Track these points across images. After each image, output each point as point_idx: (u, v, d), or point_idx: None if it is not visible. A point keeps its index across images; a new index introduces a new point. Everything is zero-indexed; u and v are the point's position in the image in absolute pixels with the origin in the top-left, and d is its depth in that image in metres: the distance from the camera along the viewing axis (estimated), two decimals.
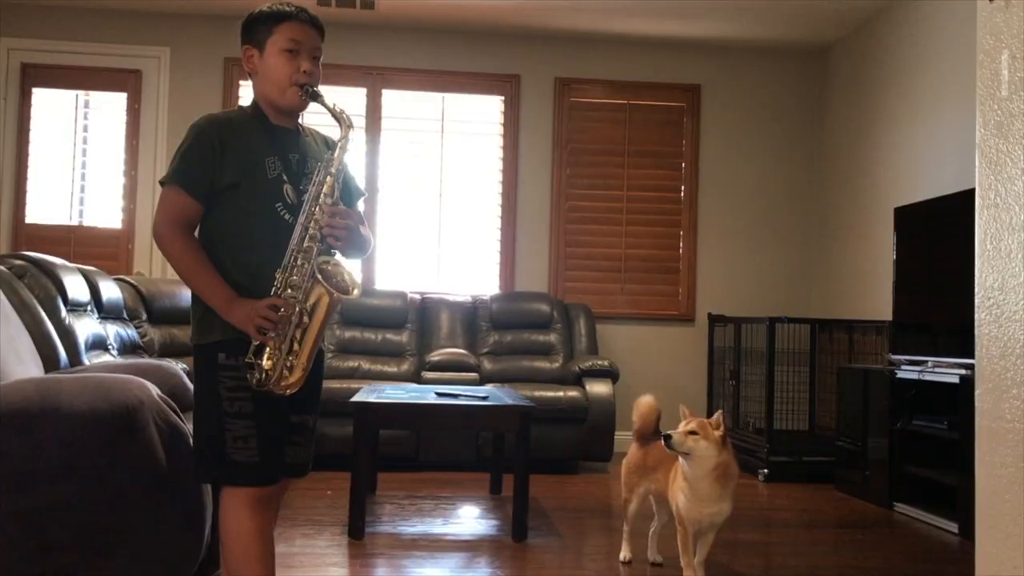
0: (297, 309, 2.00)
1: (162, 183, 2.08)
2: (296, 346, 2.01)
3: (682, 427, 2.88)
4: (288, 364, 2.00)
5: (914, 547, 3.79)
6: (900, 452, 4.46)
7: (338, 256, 2.14)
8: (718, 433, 2.85)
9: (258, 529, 2.07)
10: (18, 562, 2.39)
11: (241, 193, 2.05)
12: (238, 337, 2.01)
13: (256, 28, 2.13)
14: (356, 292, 2.08)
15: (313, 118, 2.30)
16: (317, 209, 2.04)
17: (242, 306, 2.00)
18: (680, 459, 2.89)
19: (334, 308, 2.06)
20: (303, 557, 3.25)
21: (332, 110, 2.09)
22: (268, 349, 1.99)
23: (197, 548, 2.54)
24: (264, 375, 1.99)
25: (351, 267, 2.14)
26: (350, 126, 2.10)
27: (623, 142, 6.39)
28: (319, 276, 2.01)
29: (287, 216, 2.07)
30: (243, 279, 2.05)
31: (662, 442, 2.87)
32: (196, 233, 2.10)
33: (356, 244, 2.13)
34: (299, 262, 2.02)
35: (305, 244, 2.02)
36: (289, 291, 2.00)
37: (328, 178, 2.06)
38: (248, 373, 2.00)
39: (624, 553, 3.32)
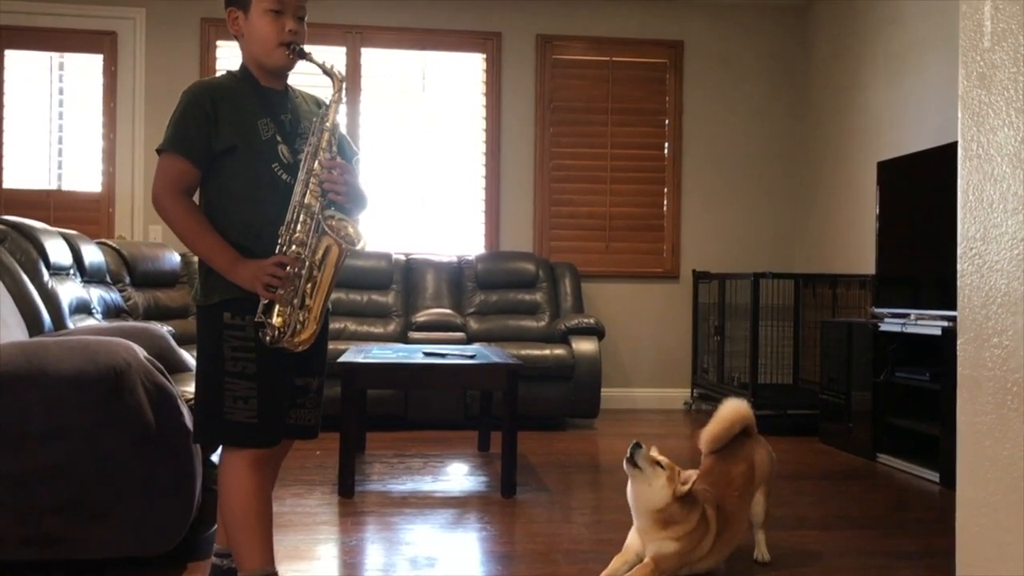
0: (306, 264, 2.02)
1: (159, 151, 2.08)
2: (308, 301, 2.04)
3: (655, 452, 2.62)
4: (301, 320, 2.03)
5: (897, 496, 3.86)
6: (883, 404, 4.52)
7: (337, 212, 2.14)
8: (682, 487, 2.55)
9: (257, 488, 2.09)
10: (9, 525, 2.40)
11: (238, 156, 2.06)
12: (244, 296, 2.03)
13: None
14: (363, 244, 2.10)
15: (301, 79, 2.28)
16: (316, 164, 2.06)
17: (247, 266, 2.02)
18: (628, 483, 2.62)
19: (343, 261, 2.08)
20: (294, 516, 3.28)
21: (322, 66, 2.11)
22: (278, 307, 2.01)
23: (188, 509, 2.55)
24: (277, 332, 2.01)
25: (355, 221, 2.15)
26: (342, 80, 2.11)
27: (606, 100, 6.36)
28: (327, 229, 2.03)
29: (284, 176, 2.09)
30: (246, 240, 2.06)
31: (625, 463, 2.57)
32: (196, 199, 2.11)
33: (356, 199, 2.14)
34: (302, 218, 2.03)
35: (307, 200, 2.04)
36: (294, 248, 2.02)
37: (324, 133, 2.08)
38: (260, 332, 2.02)
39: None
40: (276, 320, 2.01)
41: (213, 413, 2.06)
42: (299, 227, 2.03)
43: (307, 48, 2.13)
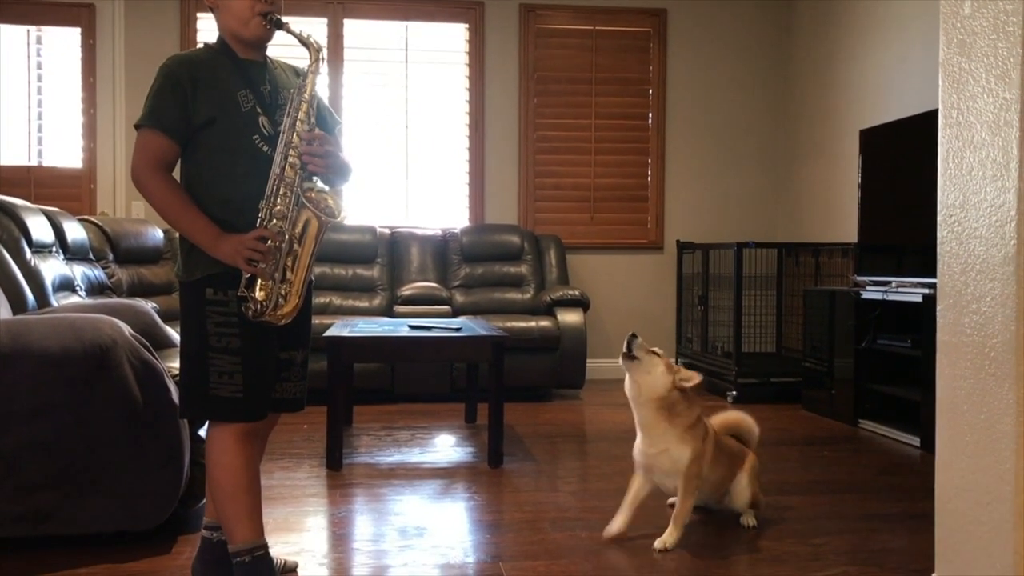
0: (286, 238, 2.02)
1: (137, 127, 2.06)
2: (289, 274, 2.04)
3: (649, 347, 2.71)
4: (283, 293, 2.04)
5: (878, 461, 3.92)
6: (865, 371, 4.57)
7: (319, 183, 2.14)
8: (683, 381, 2.64)
9: (245, 463, 2.10)
10: None
11: (217, 129, 2.04)
12: (226, 271, 2.02)
13: None
14: (343, 216, 2.10)
15: (281, 50, 2.27)
16: (295, 136, 2.04)
17: (228, 241, 2.01)
18: (626, 380, 2.69)
19: (323, 233, 2.08)
20: (282, 489, 3.30)
21: (299, 36, 2.09)
22: (259, 280, 2.02)
23: (176, 483, 2.57)
24: (260, 306, 2.02)
25: (337, 193, 2.15)
26: (319, 50, 2.10)
27: (590, 69, 6.33)
28: (305, 202, 2.03)
29: (265, 148, 2.07)
30: (227, 215, 2.05)
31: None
32: (176, 175, 2.10)
33: (338, 170, 2.13)
34: (282, 191, 2.03)
35: (286, 172, 2.03)
36: (275, 221, 2.02)
37: (303, 104, 2.07)
38: (243, 306, 2.02)
39: None
40: (259, 294, 2.02)
41: (198, 389, 2.06)
42: (279, 200, 2.02)
43: (284, 19, 2.11)
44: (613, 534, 2.73)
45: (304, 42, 2.09)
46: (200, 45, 2.65)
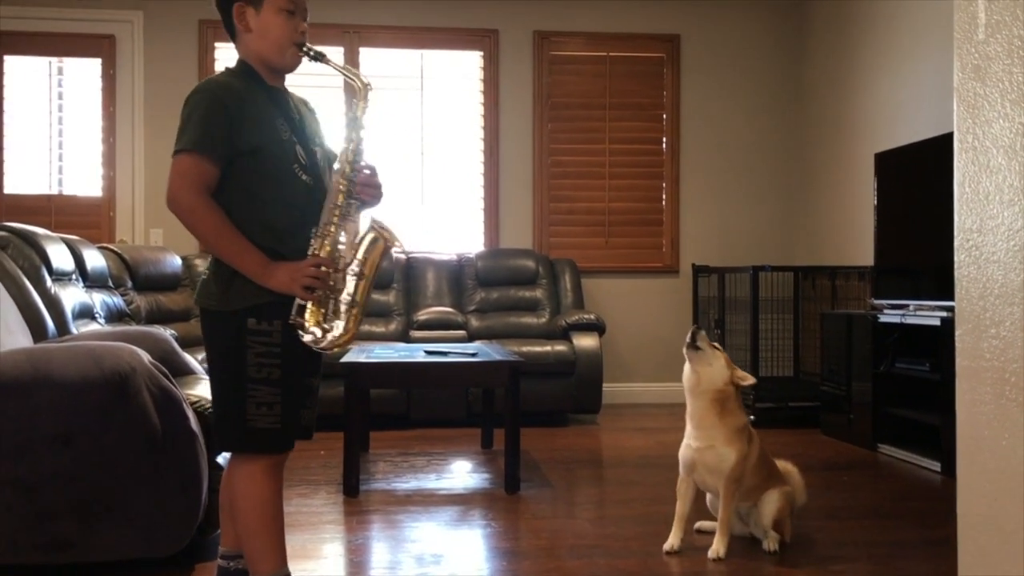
0: (346, 264, 2.04)
1: (178, 151, 1.99)
2: (356, 298, 2.05)
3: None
4: (347, 319, 2.04)
5: (898, 486, 3.88)
6: (883, 395, 4.54)
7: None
8: (739, 379, 2.79)
9: (274, 494, 2.08)
10: (17, 531, 2.42)
11: (261, 157, 2.03)
12: (270, 301, 2.00)
13: None
14: (400, 243, 2.16)
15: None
16: (349, 168, 2.07)
17: (281, 268, 1.99)
18: (685, 370, 2.83)
19: (384, 260, 2.12)
20: (300, 516, 3.30)
21: (344, 71, 2.13)
22: (310, 308, 2.00)
23: (195, 510, 2.57)
24: (321, 334, 2.01)
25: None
26: (367, 85, 2.13)
27: (604, 95, 6.37)
28: (379, 229, 2.07)
29: (304, 177, 2.08)
30: (270, 242, 2.02)
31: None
32: None
33: (380, 199, 2.17)
34: (338, 220, 2.04)
35: (341, 202, 2.05)
36: (328, 248, 2.02)
37: (357, 137, 2.10)
38: (302, 334, 2.00)
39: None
40: (309, 321, 2.00)
41: (236, 420, 2.02)
42: (333, 228, 2.03)
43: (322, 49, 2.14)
44: (676, 549, 2.80)
45: (351, 78, 2.12)
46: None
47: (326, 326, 2.02)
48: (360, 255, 2.06)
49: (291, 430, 2.07)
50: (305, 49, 2.10)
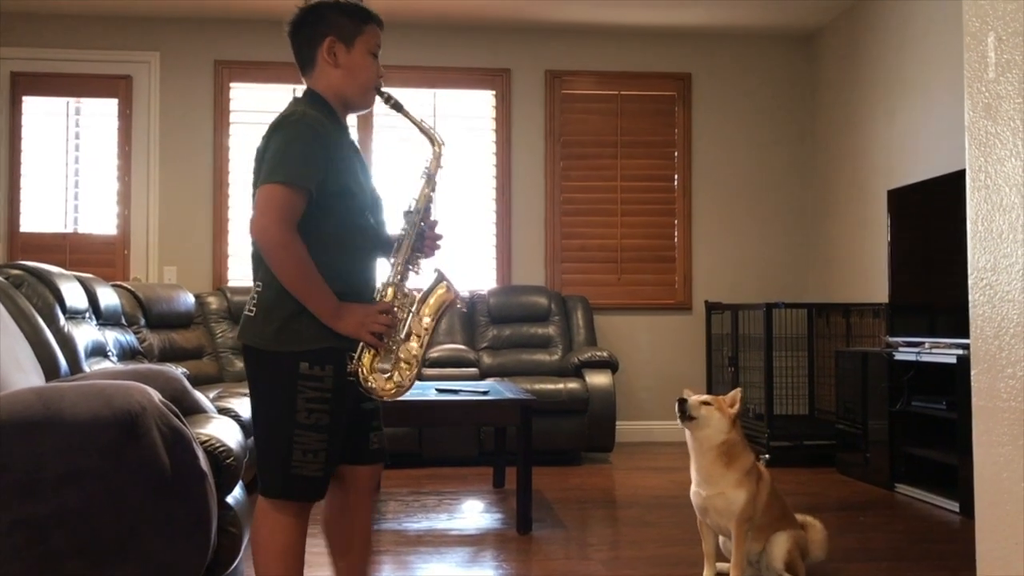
0: (411, 313, 2.05)
1: (270, 180, 1.92)
2: (420, 348, 2.06)
3: (696, 397, 2.85)
4: (411, 367, 2.03)
5: (916, 527, 3.82)
6: (900, 433, 4.48)
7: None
8: (732, 410, 2.81)
9: (298, 543, 2.04)
10: (25, 572, 2.40)
11: (345, 199, 2.00)
12: (325, 347, 1.95)
13: (344, 21, 2.05)
14: (463, 299, 2.21)
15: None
16: (420, 220, 2.11)
17: (352, 312, 1.96)
18: (686, 433, 2.84)
19: (447, 313, 2.15)
20: (309, 556, 3.24)
21: (420, 124, 2.15)
22: (370, 354, 1.99)
23: (204, 552, 2.55)
24: (383, 381, 2.01)
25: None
26: (442, 144, 2.20)
27: (615, 133, 6.39)
28: (448, 283, 2.10)
29: (372, 220, 2.08)
30: (341, 286, 1.98)
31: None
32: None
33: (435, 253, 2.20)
34: (402, 268, 2.06)
35: (408, 253, 2.07)
36: (391, 295, 2.04)
37: (430, 192, 2.15)
38: (361, 380, 1.99)
39: None
40: (364, 365, 1.99)
41: (280, 466, 1.97)
42: (399, 276, 2.05)
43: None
44: None
45: (426, 133, 2.17)
46: (237, 112, 2.63)
47: (386, 374, 2.00)
48: (427, 306, 2.07)
49: (328, 479, 2.03)
50: (385, 95, 2.10)
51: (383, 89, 2.11)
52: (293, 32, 2.08)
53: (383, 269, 2.12)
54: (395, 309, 2.02)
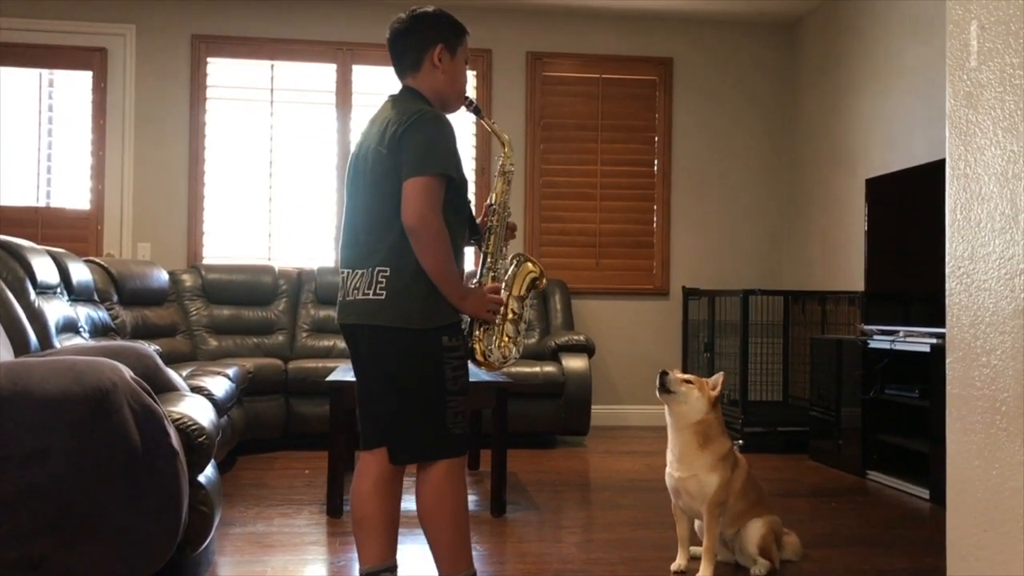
0: (509, 294, 2.31)
1: (425, 172, 2.14)
2: (523, 323, 2.33)
3: (680, 374, 2.88)
4: (517, 340, 2.32)
5: (887, 514, 3.85)
6: (872, 421, 4.52)
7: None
8: (713, 392, 2.81)
9: (466, 492, 2.32)
10: None
11: (462, 189, 2.27)
12: (458, 320, 2.24)
13: (452, 31, 2.33)
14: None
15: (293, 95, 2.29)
16: (504, 212, 2.41)
17: (475, 294, 2.25)
18: (665, 409, 2.84)
19: (535, 291, 2.40)
20: (282, 536, 3.25)
21: (493, 129, 2.42)
22: (481, 329, 2.28)
23: (175, 529, 2.53)
24: (489, 351, 2.29)
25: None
26: (511, 148, 2.43)
27: (596, 117, 6.38)
28: (540, 267, 2.38)
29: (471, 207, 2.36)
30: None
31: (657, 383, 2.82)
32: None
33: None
34: (496, 255, 2.34)
35: (498, 241, 2.37)
36: (491, 279, 2.32)
37: (509, 188, 2.43)
38: (476, 352, 2.28)
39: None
40: (481, 339, 2.28)
41: (439, 429, 2.22)
42: (499, 263, 2.34)
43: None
44: (682, 569, 2.85)
45: (498, 135, 2.42)
46: (220, 91, 2.62)
47: (496, 347, 2.29)
48: (523, 286, 2.34)
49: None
50: (468, 99, 2.36)
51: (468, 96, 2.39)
52: (402, 35, 2.33)
53: (469, 255, 2.47)
54: (502, 289, 2.30)
